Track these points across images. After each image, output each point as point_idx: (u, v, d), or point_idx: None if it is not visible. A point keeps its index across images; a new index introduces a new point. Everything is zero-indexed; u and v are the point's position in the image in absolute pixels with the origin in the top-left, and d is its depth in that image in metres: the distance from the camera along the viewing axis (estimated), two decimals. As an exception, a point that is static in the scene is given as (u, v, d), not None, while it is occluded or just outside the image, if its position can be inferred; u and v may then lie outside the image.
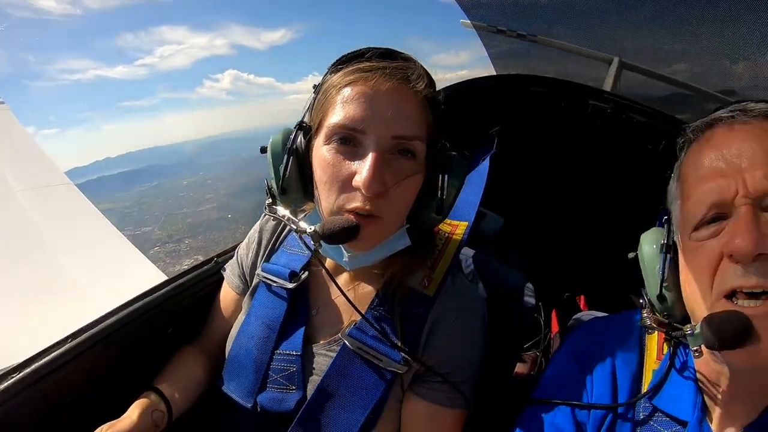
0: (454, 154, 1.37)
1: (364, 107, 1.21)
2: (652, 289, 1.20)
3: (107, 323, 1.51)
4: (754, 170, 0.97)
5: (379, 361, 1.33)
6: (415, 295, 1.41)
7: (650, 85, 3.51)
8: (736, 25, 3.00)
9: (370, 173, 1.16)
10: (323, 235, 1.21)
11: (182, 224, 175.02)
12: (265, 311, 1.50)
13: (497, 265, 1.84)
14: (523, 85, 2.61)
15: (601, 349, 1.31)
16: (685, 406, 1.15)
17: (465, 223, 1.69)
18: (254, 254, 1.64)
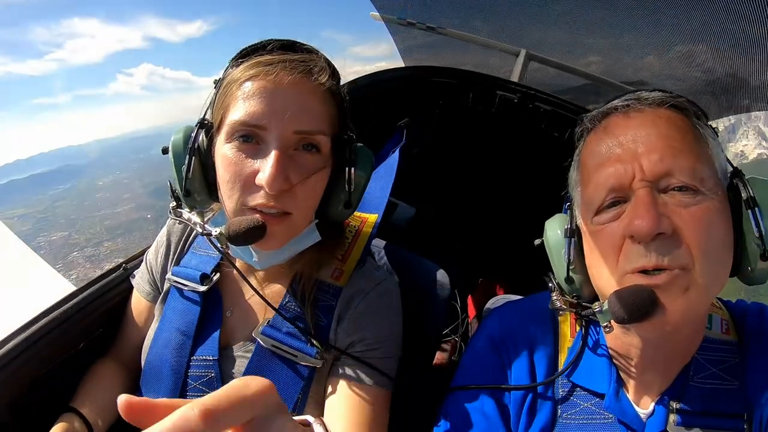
0: (360, 145, 1.36)
1: (265, 102, 1.18)
2: (559, 273, 1.23)
3: (8, 348, 1.41)
4: (649, 154, 1.01)
5: (294, 357, 1.32)
6: (327, 288, 1.41)
7: (565, 77, 3.64)
8: (642, 22, 3.16)
9: (273, 171, 1.14)
10: (229, 236, 1.19)
11: (100, 227, 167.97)
12: (178, 317, 1.45)
13: (410, 254, 1.85)
14: (430, 77, 2.63)
15: (516, 333, 1.34)
16: (600, 379, 1.19)
17: (375, 215, 1.69)
18: (163, 258, 1.58)
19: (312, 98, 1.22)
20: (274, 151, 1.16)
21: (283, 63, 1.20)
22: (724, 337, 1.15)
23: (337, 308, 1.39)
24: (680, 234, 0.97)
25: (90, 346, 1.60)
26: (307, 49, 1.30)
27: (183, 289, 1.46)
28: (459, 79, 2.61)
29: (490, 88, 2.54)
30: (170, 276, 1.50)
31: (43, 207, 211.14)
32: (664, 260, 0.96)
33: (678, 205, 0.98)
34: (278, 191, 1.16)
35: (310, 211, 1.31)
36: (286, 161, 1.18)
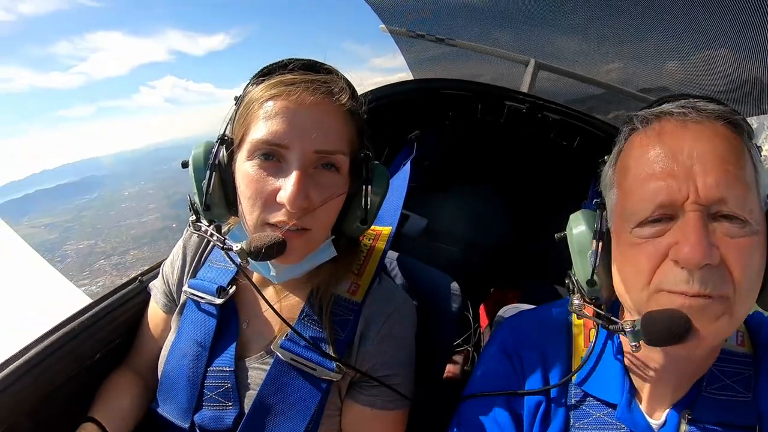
0: (376, 163, 1.37)
1: (287, 122, 1.19)
2: (581, 273, 1.19)
3: (26, 357, 1.43)
4: (705, 176, 0.96)
5: (313, 370, 1.33)
6: (344, 302, 1.42)
7: (582, 87, 3.60)
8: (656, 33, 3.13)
9: (295, 189, 1.16)
10: (250, 252, 1.19)
11: (126, 236, 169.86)
12: (195, 328, 1.46)
13: (422, 265, 1.85)
14: (439, 89, 2.64)
15: (530, 342, 1.33)
16: (613, 390, 1.18)
17: (389, 228, 1.70)
18: (180, 271, 1.59)
19: (332, 119, 1.24)
20: (296, 170, 1.17)
21: (305, 84, 1.22)
22: (738, 349, 1.14)
23: (359, 327, 1.40)
24: (726, 265, 0.95)
25: (107, 356, 1.61)
26: (328, 69, 1.32)
27: (199, 301, 1.48)
28: (467, 90, 2.61)
29: (498, 99, 2.54)
30: (186, 288, 1.51)
31: (69, 216, 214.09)
32: (706, 289, 0.94)
33: (726, 234, 0.95)
34: (299, 209, 1.17)
35: (328, 228, 1.33)
36: (307, 180, 1.19)
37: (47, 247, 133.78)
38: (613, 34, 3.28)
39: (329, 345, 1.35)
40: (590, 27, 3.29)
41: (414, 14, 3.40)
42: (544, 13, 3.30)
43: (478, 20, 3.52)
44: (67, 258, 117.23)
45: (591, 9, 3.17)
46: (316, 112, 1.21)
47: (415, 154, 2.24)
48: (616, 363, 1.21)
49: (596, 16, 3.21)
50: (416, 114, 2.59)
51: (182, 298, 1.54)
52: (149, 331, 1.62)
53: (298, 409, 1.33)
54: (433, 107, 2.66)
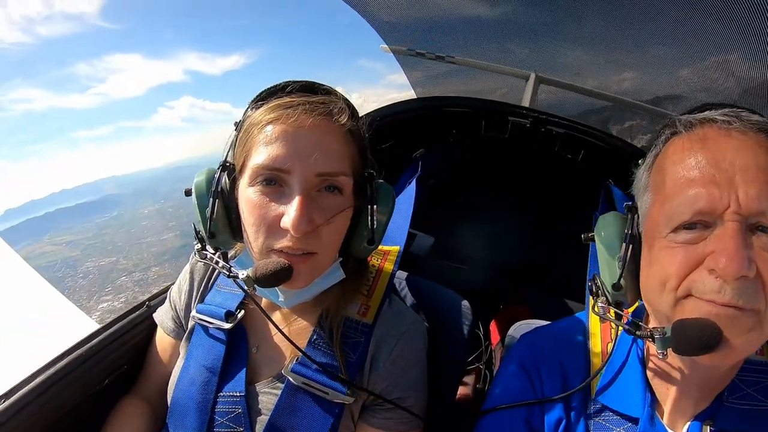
0: (381, 182, 1.36)
1: (287, 146, 1.18)
2: (607, 276, 1.17)
3: (34, 384, 1.41)
4: (747, 187, 0.94)
5: (326, 394, 1.31)
6: (354, 325, 1.40)
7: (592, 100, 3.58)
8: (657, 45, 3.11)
9: (298, 214, 1.14)
10: (257, 279, 1.19)
11: (147, 253, 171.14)
12: (204, 354, 1.44)
13: (432, 285, 1.83)
14: (442, 107, 2.63)
15: (547, 357, 1.31)
16: (634, 403, 1.15)
17: (397, 247, 1.69)
18: (187, 296, 1.58)
19: (333, 140, 1.23)
20: (298, 195, 1.16)
21: (303, 106, 1.20)
22: (759, 358, 1.12)
23: (370, 350, 1.38)
24: (761, 278, 0.92)
25: (114, 383, 1.60)
26: (326, 90, 1.30)
27: (208, 326, 1.46)
28: (470, 107, 2.60)
29: (501, 115, 2.52)
30: (194, 314, 1.50)
31: (90, 234, 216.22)
32: (739, 301, 0.92)
33: (763, 248, 0.93)
34: (303, 233, 1.16)
35: (335, 250, 1.31)
36: (310, 203, 1.18)
37: (69, 264, 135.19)
38: (624, 43, 3.26)
39: (341, 368, 1.33)
40: (601, 38, 3.28)
41: (413, 33, 3.41)
42: (554, 25, 3.29)
43: (484, 36, 3.51)
44: (89, 274, 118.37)
45: (602, 20, 3.16)
46: (315, 134, 1.20)
47: (420, 173, 2.23)
48: (636, 375, 1.18)
49: (607, 27, 3.20)
50: (420, 132, 2.58)
51: (190, 324, 1.53)
52: (157, 357, 1.60)
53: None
54: (437, 125, 2.64)
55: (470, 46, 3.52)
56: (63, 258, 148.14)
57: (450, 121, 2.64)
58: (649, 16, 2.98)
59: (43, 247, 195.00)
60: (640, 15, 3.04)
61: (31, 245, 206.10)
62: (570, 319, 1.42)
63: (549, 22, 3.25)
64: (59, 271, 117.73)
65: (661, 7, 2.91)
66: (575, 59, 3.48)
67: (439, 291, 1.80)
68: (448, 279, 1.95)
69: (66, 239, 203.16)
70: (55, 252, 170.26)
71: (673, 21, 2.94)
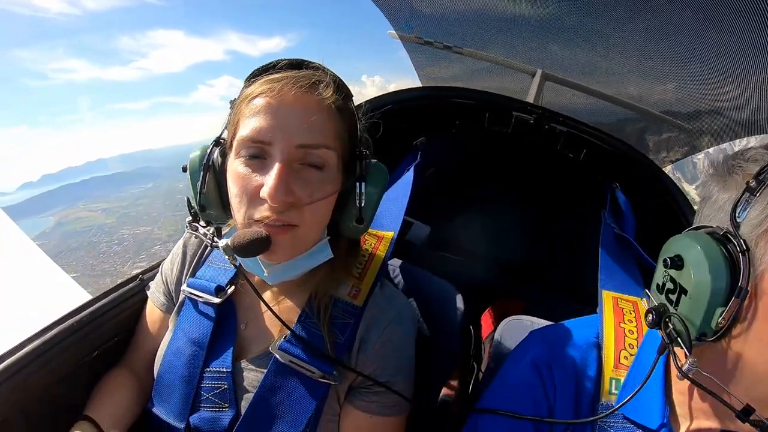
0: (374, 161, 1.34)
1: (270, 118, 1.17)
2: (696, 325, 0.95)
3: (22, 353, 1.41)
4: None
5: (312, 373, 1.30)
6: (344, 306, 1.38)
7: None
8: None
9: (275, 183, 1.13)
10: (234, 247, 1.18)
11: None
12: (192, 328, 1.44)
13: (426, 274, 1.81)
14: (447, 97, 2.60)
15: (562, 360, 1.26)
16: (652, 414, 1.10)
17: (391, 233, 1.67)
18: (179, 270, 1.58)
19: (316, 113, 1.20)
20: (277, 164, 1.15)
21: (287, 80, 1.19)
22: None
23: (359, 332, 1.36)
24: None
25: (104, 354, 1.60)
26: (315, 66, 1.28)
27: (198, 300, 1.46)
28: (475, 99, 2.56)
29: (506, 109, 2.48)
30: (185, 288, 1.49)
31: (125, 203, 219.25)
32: None
33: None
34: (281, 204, 1.15)
35: (319, 226, 1.29)
36: (290, 174, 1.16)
37: (105, 230, 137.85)
38: (668, 54, 3.14)
39: (328, 348, 1.32)
40: (647, 47, 3.17)
41: (424, 22, 3.34)
42: (603, 32, 3.19)
43: (499, 31, 3.43)
44: (124, 241, 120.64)
45: (647, 29, 3.06)
46: (298, 107, 1.18)
47: (419, 161, 2.21)
48: (657, 387, 1.13)
49: (651, 36, 3.09)
50: (423, 121, 2.55)
51: (180, 297, 1.53)
52: (147, 330, 1.60)
53: (295, 412, 1.30)
54: (441, 115, 2.61)
55: (487, 40, 3.43)
56: (98, 224, 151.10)
57: (454, 111, 2.61)
58: (691, 25, 2.88)
59: (78, 212, 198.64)
60: (685, 21, 2.93)
61: (66, 210, 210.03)
62: (583, 320, 1.38)
63: (596, 28, 3.17)
64: (94, 236, 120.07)
65: (712, 16, 2.80)
66: (618, 67, 3.38)
67: (432, 280, 1.79)
68: (446, 271, 1.93)
69: (101, 206, 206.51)
70: (91, 218, 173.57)
71: (716, 29, 2.83)
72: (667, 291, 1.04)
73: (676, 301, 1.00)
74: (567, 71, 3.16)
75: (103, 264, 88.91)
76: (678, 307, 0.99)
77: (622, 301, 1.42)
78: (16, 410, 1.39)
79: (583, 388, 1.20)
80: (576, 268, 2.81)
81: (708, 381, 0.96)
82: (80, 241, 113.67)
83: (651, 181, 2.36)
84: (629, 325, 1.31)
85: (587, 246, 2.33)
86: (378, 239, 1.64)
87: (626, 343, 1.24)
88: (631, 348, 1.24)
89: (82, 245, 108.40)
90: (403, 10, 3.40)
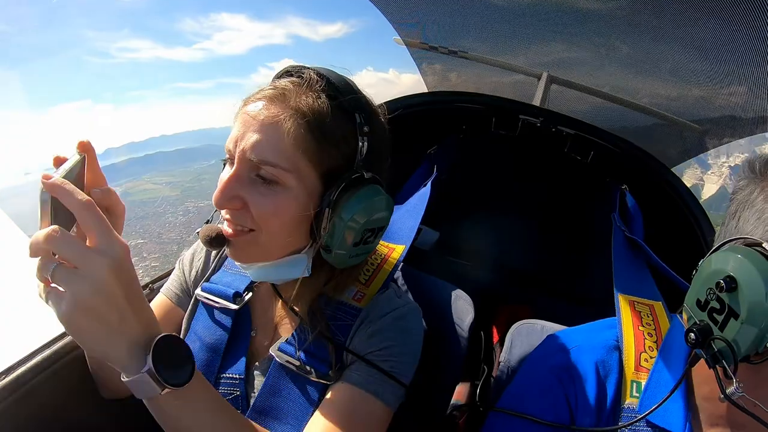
0: (363, 189, 1.17)
1: (238, 127, 1.14)
2: (748, 344, 0.85)
3: (38, 359, 1.39)
4: None
5: (309, 374, 1.25)
6: (347, 308, 1.33)
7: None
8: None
9: (220, 187, 1.12)
10: (201, 237, 1.20)
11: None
12: (207, 333, 1.41)
13: (434, 279, 1.76)
14: (454, 102, 2.53)
15: (582, 363, 1.20)
16: (676, 418, 1.05)
17: (402, 246, 1.61)
18: (201, 269, 1.55)
19: (270, 128, 1.11)
20: (231, 171, 1.13)
21: (265, 91, 1.15)
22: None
23: (354, 327, 1.30)
24: None
25: None
26: (302, 75, 1.18)
27: (214, 306, 1.42)
28: (481, 103, 2.49)
29: (512, 113, 2.41)
30: (200, 292, 1.46)
31: (189, 178, 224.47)
32: None
33: None
34: (224, 207, 1.15)
35: (278, 235, 1.18)
36: (236, 181, 1.12)
37: (170, 202, 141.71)
38: (739, 54, 2.90)
39: (328, 349, 1.27)
40: (716, 47, 2.94)
41: (428, 27, 3.23)
42: (671, 29, 2.97)
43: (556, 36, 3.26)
44: (189, 213, 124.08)
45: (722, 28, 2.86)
46: (256, 120, 1.11)
47: (436, 175, 2.16)
48: (679, 392, 1.06)
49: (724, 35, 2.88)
50: (430, 127, 2.49)
51: (192, 301, 1.49)
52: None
53: (293, 413, 1.26)
54: (447, 120, 2.55)
55: (492, 44, 3.29)
56: (163, 196, 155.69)
57: (460, 116, 2.54)
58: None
59: (143, 184, 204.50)
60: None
61: (132, 181, 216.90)
62: (601, 323, 1.32)
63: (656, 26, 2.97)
64: (159, 207, 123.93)
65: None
66: (685, 65, 3.15)
67: (441, 285, 1.74)
68: (455, 275, 1.88)
69: (165, 180, 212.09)
70: (155, 190, 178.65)
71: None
72: (712, 310, 0.93)
73: (723, 322, 0.90)
74: (572, 73, 3.03)
75: (169, 233, 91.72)
76: (725, 328, 0.89)
77: (638, 305, 1.36)
78: (29, 421, 1.37)
79: (605, 392, 1.15)
80: (584, 273, 2.75)
81: (749, 403, 0.90)
82: (147, 210, 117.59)
83: (659, 183, 2.27)
84: (648, 327, 1.26)
85: (595, 250, 2.25)
86: (389, 249, 1.59)
87: (646, 345, 1.20)
88: (651, 351, 1.19)
89: (149, 215, 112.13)
90: (408, 16, 3.31)
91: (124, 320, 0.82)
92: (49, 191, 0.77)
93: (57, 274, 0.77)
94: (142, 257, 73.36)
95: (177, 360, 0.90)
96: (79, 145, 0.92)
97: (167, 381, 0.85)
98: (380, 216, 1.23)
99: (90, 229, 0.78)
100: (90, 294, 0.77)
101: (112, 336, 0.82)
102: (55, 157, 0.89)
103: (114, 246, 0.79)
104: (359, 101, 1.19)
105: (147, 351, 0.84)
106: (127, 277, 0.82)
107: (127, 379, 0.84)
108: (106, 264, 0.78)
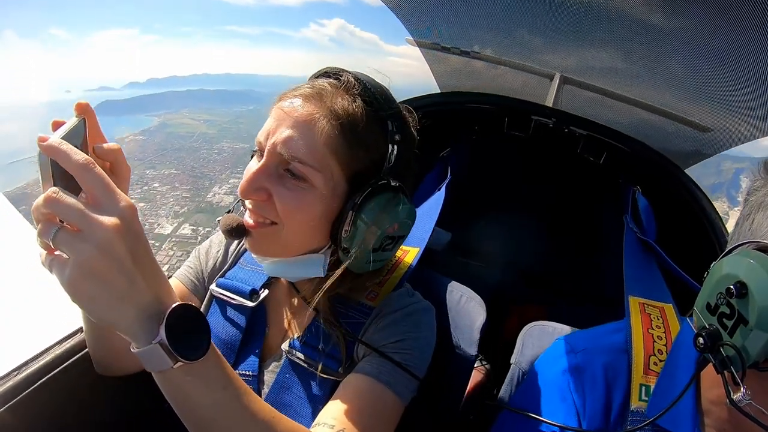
0: (388, 195, 1.17)
1: (272, 122, 1.13)
2: (757, 351, 0.83)
3: (48, 359, 1.36)
4: None
5: (317, 370, 1.26)
6: (360, 307, 1.34)
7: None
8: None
9: (246, 178, 1.12)
10: (221, 226, 1.20)
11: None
12: (223, 329, 1.38)
13: (446, 279, 1.74)
14: (466, 103, 2.49)
15: (591, 365, 1.19)
16: (683, 422, 1.04)
17: (416, 249, 1.59)
18: (221, 260, 1.53)
19: (303, 125, 1.11)
20: (259, 162, 1.13)
21: (302, 89, 1.15)
22: None
23: (366, 323, 1.30)
24: None
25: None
26: (340, 77, 1.19)
27: (230, 302, 1.39)
28: (494, 104, 2.45)
29: (524, 113, 2.36)
30: (215, 288, 1.43)
31: (227, 119, 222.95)
32: None
33: None
34: (249, 198, 1.14)
35: (299, 231, 1.18)
36: (268, 174, 1.12)
37: (206, 139, 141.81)
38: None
39: (339, 346, 1.28)
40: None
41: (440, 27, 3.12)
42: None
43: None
44: (223, 152, 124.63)
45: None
46: (296, 116, 1.11)
47: (450, 178, 2.14)
48: (688, 395, 1.05)
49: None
50: (442, 128, 2.40)
51: (208, 295, 1.46)
52: None
53: (303, 410, 1.27)
54: (460, 121, 2.51)
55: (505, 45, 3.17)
56: (200, 132, 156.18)
57: (472, 117, 2.51)
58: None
59: (181, 118, 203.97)
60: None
61: (170, 114, 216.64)
62: (611, 326, 1.30)
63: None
64: (195, 142, 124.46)
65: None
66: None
67: (451, 286, 1.72)
68: (467, 276, 1.86)
69: (204, 117, 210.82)
70: (193, 125, 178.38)
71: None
72: (721, 315, 0.91)
73: (732, 328, 0.88)
74: (586, 74, 2.95)
75: (202, 168, 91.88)
76: (734, 334, 0.87)
77: (649, 307, 1.34)
78: (41, 420, 1.34)
79: (613, 395, 1.14)
80: (594, 274, 2.74)
81: (756, 410, 0.88)
82: (182, 144, 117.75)
83: (673, 184, 2.23)
84: (657, 330, 1.24)
85: (607, 251, 2.24)
86: (403, 252, 1.57)
87: (655, 349, 1.17)
88: (660, 354, 1.17)
89: (184, 148, 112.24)
90: (421, 18, 3.20)
91: (133, 285, 0.74)
92: (46, 153, 0.71)
93: (59, 238, 0.70)
94: (174, 186, 73.83)
95: (192, 332, 0.81)
96: (78, 107, 0.86)
97: (180, 354, 0.77)
98: (402, 224, 1.22)
99: (91, 189, 0.72)
100: (94, 257, 0.69)
101: (120, 302, 0.74)
102: (54, 121, 0.82)
103: (118, 205, 0.73)
104: (393, 109, 1.18)
105: (160, 320, 0.76)
106: (135, 239, 0.74)
107: (137, 350, 0.76)
108: (110, 224, 0.71)
